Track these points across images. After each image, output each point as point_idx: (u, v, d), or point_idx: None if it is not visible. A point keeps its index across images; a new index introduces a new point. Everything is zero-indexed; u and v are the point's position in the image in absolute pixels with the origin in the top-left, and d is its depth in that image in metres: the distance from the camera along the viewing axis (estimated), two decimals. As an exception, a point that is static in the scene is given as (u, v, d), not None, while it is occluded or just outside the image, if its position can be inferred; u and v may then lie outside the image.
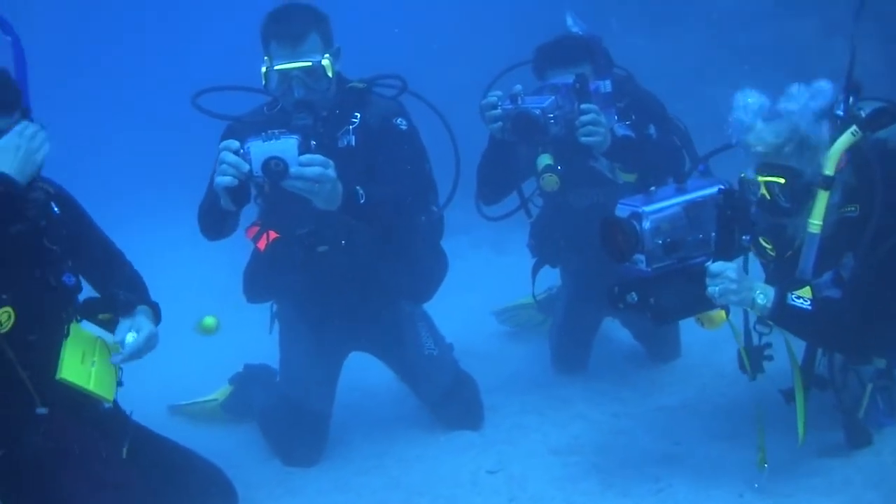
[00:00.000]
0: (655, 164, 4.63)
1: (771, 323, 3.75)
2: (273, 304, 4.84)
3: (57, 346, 3.59)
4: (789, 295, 3.57)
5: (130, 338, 3.68)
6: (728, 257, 3.54)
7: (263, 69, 4.23)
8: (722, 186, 3.63)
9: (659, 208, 3.62)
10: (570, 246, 5.03)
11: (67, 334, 3.66)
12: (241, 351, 5.40)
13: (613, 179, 4.82)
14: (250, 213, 4.31)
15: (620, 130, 4.58)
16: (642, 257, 3.61)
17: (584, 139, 4.39)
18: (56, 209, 3.69)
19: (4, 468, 3.52)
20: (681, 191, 3.68)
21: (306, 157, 3.81)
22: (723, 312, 3.72)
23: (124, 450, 3.80)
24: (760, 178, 3.71)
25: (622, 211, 3.68)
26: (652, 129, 4.69)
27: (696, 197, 3.66)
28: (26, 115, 3.57)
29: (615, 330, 5.70)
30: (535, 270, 5.25)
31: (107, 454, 3.77)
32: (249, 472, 4.54)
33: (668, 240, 3.60)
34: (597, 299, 5.08)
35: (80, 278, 3.83)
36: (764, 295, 3.57)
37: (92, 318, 3.86)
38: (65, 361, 3.55)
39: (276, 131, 3.82)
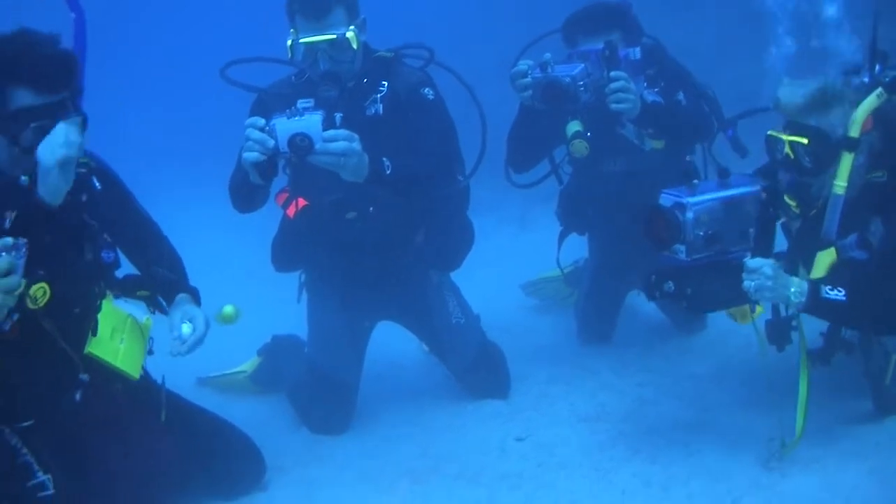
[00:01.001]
0: (684, 131, 4.64)
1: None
2: (301, 274, 4.85)
3: (93, 320, 3.63)
4: (823, 288, 3.57)
5: (187, 329, 3.72)
6: (766, 254, 3.60)
7: (289, 42, 4.24)
8: (765, 185, 3.69)
9: (702, 200, 3.66)
10: (598, 213, 5.04)
11: (99, 309, 3.70)
12: (269, 322, 5.42)
13: (640, 146, 4.80)
14: (280, 179, 4.31)
15: (650, 97, 4.58)
16: (682, 247, 3.67)
17: (614, 106, 4.39)
18: (97, 184, 3.70)
19: (46, 430, 3.56)
20: (724, 186, 3.74)
21: (331, 132, 3.83)
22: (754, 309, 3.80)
23: (163, 415, 3.86)
24: (785, 137, 3.71)
25: (666, 200, 3.72)
26: (681, 96, 4.69)
27: (739, 193, 3.73)
28: (77, 95, 3.55)
29: (641, 303, 5.68)
30: (562, 238, 5.25)
31: (142, 421, 3.83)
32: (277, 440, 4.56)
33: (709, 232, 3.66)
34: (623, 268, 5.14)
35: (119, 254, 3.85)
36: (799, 291, 3.57)
37: (130, 294, 3.90)
38: (93, 336, 3.61)
39: (300, 108, 3.84)
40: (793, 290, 3.57)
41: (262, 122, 3.89)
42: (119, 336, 3.70)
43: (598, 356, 5.23)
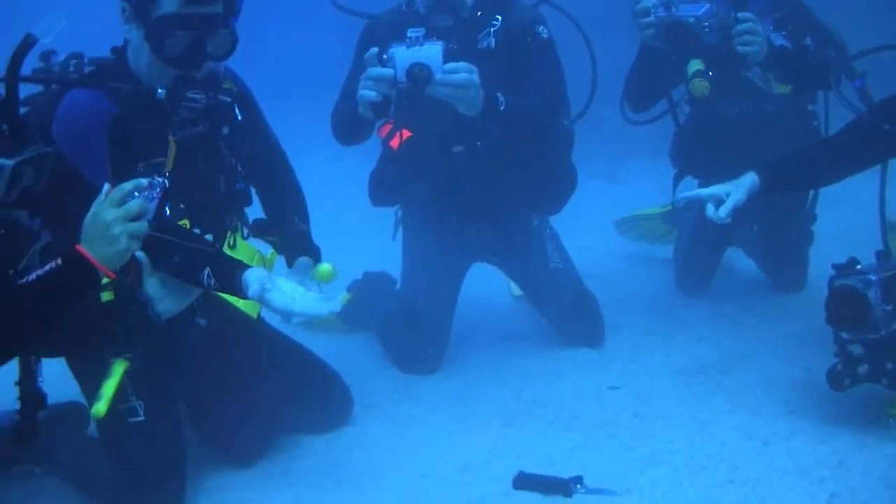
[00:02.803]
0: (810, 77, 4.53)
1: None
2: (398, 210, 4.81)
3: None
4: None
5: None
6: None
7: None
8: None
9: (884, 276, 3.60)
10: (714, 157, 4.92)
11: (232, 245, 3.66)
12: (359, 258, 5.39)
13: (766, 90, 4.68)
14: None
15: (777, 40, 4.43)
16: (873, 323, 3.58)
17: (740, 48, 4.26)
18: (239, 114, 3.62)
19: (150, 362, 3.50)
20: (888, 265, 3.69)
21: (451, 64, 3.76)
22: None
23: (264, 356, 3.86)
24: None
25: (845, 280, 3.64)
26: (808, 41, 4.53)
27: None
28: (233, 14, 3.38)
29: (738, 258, 5.60)
30: (677, 180, 5.10)
31: (246, 358, 3.84)
32: (366, 378, 4.54)
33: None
34: (727, 231, 5.01)
35: (250, 188, 3.81)
36: None
37: (260, 235, 3.87)
38: None
39: (419, 36, 3.76)
40: None
41: (376, 50, 3.81)
42: None
43: (693, 309, 5.14)
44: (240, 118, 3.61)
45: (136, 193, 2.76)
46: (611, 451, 3.75)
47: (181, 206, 3.34)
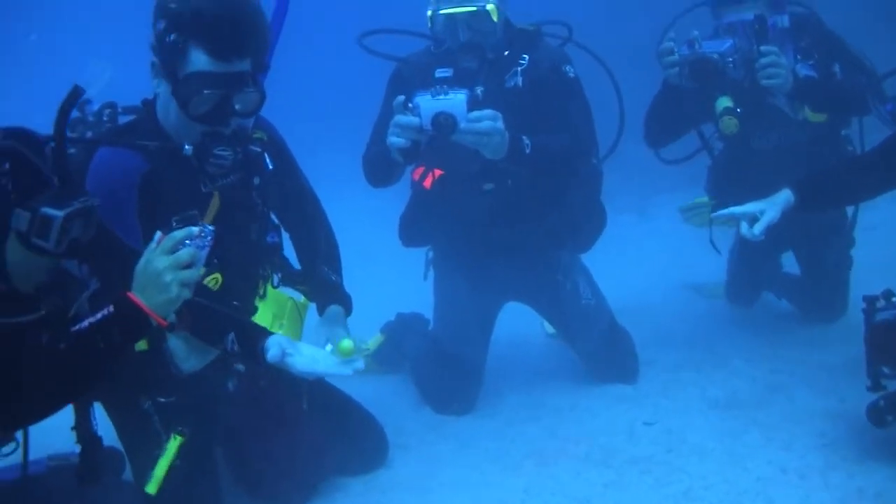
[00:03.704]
0: (839, 106, 4.53)
1: None
2: (428, 251, 4.85)
3: (253, 304, 3.62)
4: None
5: (329, 348, 3.65)
6: None
7: (429, 12, 4.23)
8: None
9: None
10: (753, 188, 4.90)
11: (263, 295, 3.69)
12: (392, 300, 5.42)
13: (795, 118, 4.68)
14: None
15: (803, 71, 4.44)
16: None
17: (764, 82, 4.27)
18: (269, 163, 3.63)
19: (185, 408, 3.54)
20: None
21: (475, 113, 3.82)
22: None
23: (304, 402, 3.88)
24: None
25: (885, 313, 3.64)
26: (836, 68, 4.53)
27: None
28: (262, 71, 3.42)
29: (768, 293, 5.60)
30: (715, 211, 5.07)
31: (285, 403, 3.85)
32: (400, 419, 4.57)
33: None
34: (774, 244, 5.02)
35: (282, 237, 3.84)
36: None
37: (290, 284, 3.89)
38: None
39: (446, 78, 3.82)
40: None
41: (403, 98, 3.88)
42: (279, 322, 3.68)
43: (727, 341, 5.11)
44: (270, 167, 3.62)
45: (188, 241, 2.81)
46: (645, 488, 3.74)
47: (214, 260, 3.36)
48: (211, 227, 2.87)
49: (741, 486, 3.66)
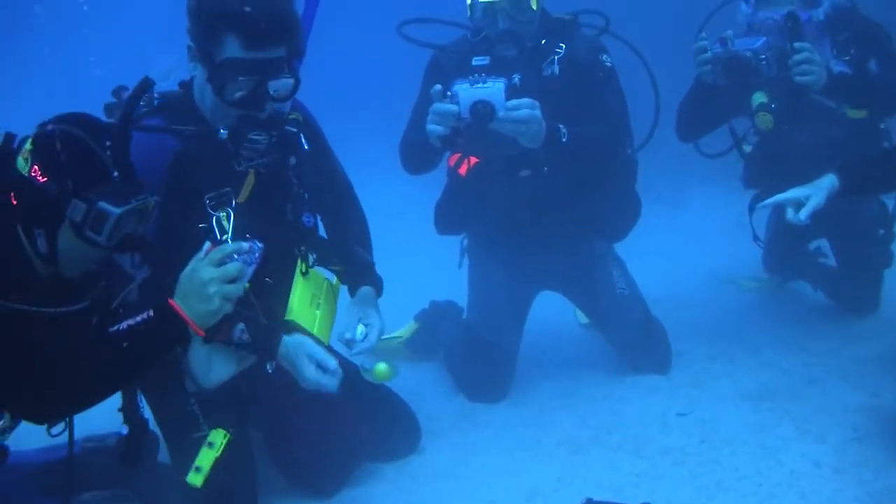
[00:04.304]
0: (874, 102, 4.50)
1: None
2: (464, 239, 4.87)
3: (288, 287, 3.61)
4: None
5: (360, 332, 3.72)
6: None
7: (469, 0, 4.23)
8: None
9: None
10: (790, 182, 4.89)
11: (304, 273, 3.69)
12: (426, 288, 5.45)
13: (838, 111, 4.66)
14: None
15: (837, 67, 4.41)
16: None
17: (798, 79, 4.22)
18: (305, 144, 3.64)
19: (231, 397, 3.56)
20: None
21: (513, 101, 3.83)
22: None
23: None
24: None
25: None
26: (872, 64, 4.50)
27: None
28: (297, 57, 3.44)
29: (801, 285, 5.60)
30: (754, 203, 4.96)
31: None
32: (433, 406, 4.59)
33: None
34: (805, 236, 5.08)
35: (318, 218, 3.85)
36: None
37: (324, 264, 3.89)
38: (295, 303, 3.57)
39: (484, 65, 3.82)
40: None
41: (440, 87, 3.89)
42: (316, 302, 3.68)
43: (759, 334, 5.11)
44: (306, 148, 3.65)
45: (236, 256, 2.84)
46: (677, 478, 3.76)
47: (247, 236, 3.39)
48: (260, 245, 2.90)
49: (774, 478, 3.67)
